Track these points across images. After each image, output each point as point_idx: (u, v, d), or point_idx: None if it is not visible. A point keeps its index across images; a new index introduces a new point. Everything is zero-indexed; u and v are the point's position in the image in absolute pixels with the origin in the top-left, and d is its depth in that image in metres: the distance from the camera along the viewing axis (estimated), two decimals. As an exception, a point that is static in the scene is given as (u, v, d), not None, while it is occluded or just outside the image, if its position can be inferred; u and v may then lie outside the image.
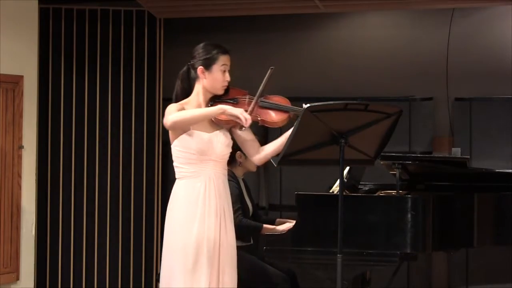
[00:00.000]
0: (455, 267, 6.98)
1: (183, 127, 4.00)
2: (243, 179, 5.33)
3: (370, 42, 7.37)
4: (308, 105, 3.90)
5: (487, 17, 7.12)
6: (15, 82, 6.47)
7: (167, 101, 7.52)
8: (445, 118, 7.19)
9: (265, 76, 4.05)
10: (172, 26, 7.31)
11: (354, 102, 4.02)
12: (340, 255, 4.01)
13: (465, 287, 6.97)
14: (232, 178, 5.07)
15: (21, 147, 6.51)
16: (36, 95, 6.70)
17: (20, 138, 6.52)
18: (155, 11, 7.07)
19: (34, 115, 6.66)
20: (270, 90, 4.19)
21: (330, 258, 4.29)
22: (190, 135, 4.02)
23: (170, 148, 4.10)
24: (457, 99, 7.11)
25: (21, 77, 6.52)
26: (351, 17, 7.51)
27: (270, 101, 4.11)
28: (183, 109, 4.04)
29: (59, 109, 7.06)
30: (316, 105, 3.91)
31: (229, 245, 4.08)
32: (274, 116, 4.08)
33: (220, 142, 4.07)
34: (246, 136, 4.14)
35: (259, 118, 4.07)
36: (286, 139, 4.04)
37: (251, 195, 5.37)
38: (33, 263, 6.71)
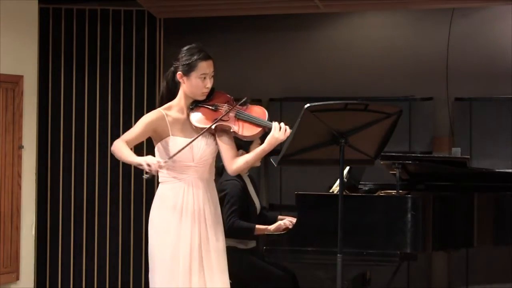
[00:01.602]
0: (455, 267, 6.98)
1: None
2: (249, 176, 5.30)
3: (370, 42, 7.37)
4: (308, 105, 3.90)
5: (487, 17, 7.12)
6: (15, 82, 6.47)
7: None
8: (445, 118, 7.19)
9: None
10: (172, 26, 7.31)
11: (354, 102, 4.02)
12: (340, 255, 4.01)
13: (465, 287, 6.97)
14: (235, 177, 5.06)
15: (21, 147, 6.51)
16: (36, 95, 6.70)
17: (20, 138, 6.52)
18: (155, 11, 7.07)
19: (34, 115, 6.66)
20: (270, 92, 4.19)
21: (330, 258, 4.30)
22: (170, 140, 4.03)
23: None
24: (457, 99, 7.11)
25: (21, 77, 6.52)
26: (351, 17, 7.51)
27: (246, 114, 4.06)
28: (160, 117, 4.03)
29: (59, 109, 7.06)
30: (316, 105, 3.91)
31: (213, 250, 4.06)
32: (246, 130, 4.04)
33: (201, 148, 4.05)
34: (225, 143, 4.08)
35: (231, 130, 4.04)
36: (256, 155, 4.03)
37: (258, 194, 5.36)
38: (33, 263, 6.71)
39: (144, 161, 3.90)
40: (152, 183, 7.12)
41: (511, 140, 6.82)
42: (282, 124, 4.00)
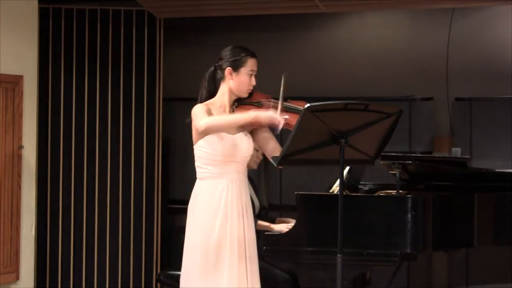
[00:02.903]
0: (455, 267, 6.98)
1: (216, 132, 4.03)
2: (249, 176, 5.31)
3: (370, 42, 7.37)
4: (308, 105, 3.90)
5: (487, 17, 7.12)
6: (15, 82, 6.47)
7: (167, 101, 7.57)
8: (445, 118, 7.19)
9: (281, 82, 4.07)
10: (172, 26, 7.31)
11: (354, 102, 4.02)
12: (340, 255, 4.01)
13: (465, 287, 6.97)
14: None
15: (21, 147, 6.51)
16: (36, 95, 6.70)
17: (20, 138, 6.52)
18: (155, 11, 7.07)
19: (34, 115, 6.66)
20: (270, 92, 4.20)
21: (330, 258, 4.29)
22: (216, 137, 4.04)
23: (170, 148, 4.11)
24: (457, 99, 7.11)
25: (21, 77, 6.52)
26: (351, 17, 7.51)
27: (293, 105, 4.13)
28: (209, 110, 4.06)
29: (59, 109, 7.06)
30: (316, 105, 3.91)
31: (253, 243, 4.12)
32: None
33: (244, 145, 4.10)
34: (267, 138, 4.15)
35: (285, 121, 4.07)
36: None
37: (258, 194, 5.36)
38: (33, 263, 6.71)
39: (272, 116, 3.92)
40: (152, 182, 7.12)
41: (511, 140, 6.82)
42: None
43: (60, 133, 7.06)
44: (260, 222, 5.07)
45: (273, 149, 4.16)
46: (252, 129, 4.16)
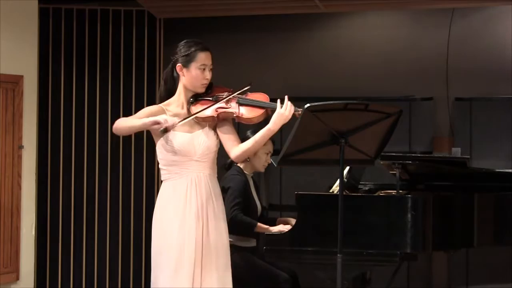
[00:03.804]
0: (455, 267, 6.98)
1: (122, 134, 4.11)
2: (252, 178, 5.32)
3: (370, 42, 7.37)
4: (308, 105, 3.90)
5: (487, 17, 7.12)
6: (15, 82, 6.47)
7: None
8: (445, 118, 7.19)
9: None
10: (172, 26, 7.31)
11: (354, 102, 4.02)
12: (340, 255, 4.01)
13: (465, 287, 6.97)
14: (238, 173, 5.15)
15: (21, 147, 6.51)
16: (36, 95, 6.70)
17: (20, 138, 6.52)
18: (155, 11, 7.07)
19: (34, 115, 6.66)
20: (270, 92, 4.19)
21: (330, 258, 4.30)
22: (171, 136, 4.01)
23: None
24: (457, 99, 7.11)
25: (21, 77, 6.52)
26: (351, 17, 7.51)
27: (247, 98, 4.08)
28: (160, 111, 4.03)
29: (59, 109, 7.06)
30: (316, 105, 3.91)
31: (213, 247, 4.05)
32: (249, 113, 4.04)
33: (202, 142, 4.05)
34: (225, 131, 4.08)
35: (234, 115, 4.05)
36: (262, 136, 4.00)
37: (260, 196, 5.37)
38: (33, 263, 6.71)
39: (153, 121, 3.91)
40: (152, 182, 7.12)
41: (511, 140, 6.82)
42: (286, 100, 3.97)
43: (60, 133, 7.06)
44: (259, 225, 5.06)
45: (228, 145, 4.08)
46: (213, 124, 4.10)
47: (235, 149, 4.06)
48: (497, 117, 6.92)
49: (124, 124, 4.04)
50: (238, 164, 5.22)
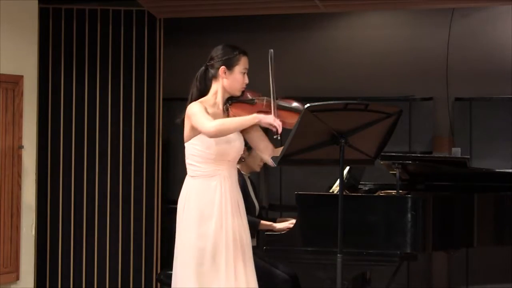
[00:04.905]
0: (455, 267, 6.98)
1: (223, 135, 4.01)
2: (249, 177, 5.33)
3: (370, 42, 7.37)
4: (308, 105, 3.90)
5: (487, 17, 7.12)
6: (15, 82, 6.47)
7: (167, 101, 7.56)
8: (445, 118, 7.19)
9: (269, 73, 4.07)
10: (172, 26, 7.31)
11: (354, 102, 4.02)
12: (340, 255, 4.01)
13: (465, 287, 6.97)
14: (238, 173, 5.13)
15: (21, 147, 6.51)
16: (36, 95, 6.70)
17: (20, 138, 6.52)
18: (155, 11, 7.07)
19: (34, 115, 6.67)
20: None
21: (330, 258, 4.29)
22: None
23: (170, 148, 4.11)
24: (457, 99, 7.11)
25: (21, 77, 6.52)
26: (351, 17, 7.52)
27: (286, 104, 4.12)
28: (205, 108, 4.04)
29: (59, 109, 7.06)
30: (316, 105, 3.91)
31: (248, 242, 4.13)
32: (291, 119, 4.06)
33: (237, 144, 4.11)
34: (261, 138, 4.17)
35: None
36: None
37: (258, 195, 5.37)
38: (33, 263, 6.72)
39: (273, 120, 3.92)
40: (152, 182, 7.12)
41: (511, 140, 6.82)
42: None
43: (60, 133, 7.06)
44: (263, 222, 5.07)
45: (265, 147, 4.18)
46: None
47: (272, 154, 4.15)
48: (497, 117, 6.93)
49: (226, 125, 3.96)
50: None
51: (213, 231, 4.02)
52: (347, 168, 5.18)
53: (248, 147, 5.08)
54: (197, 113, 4.01)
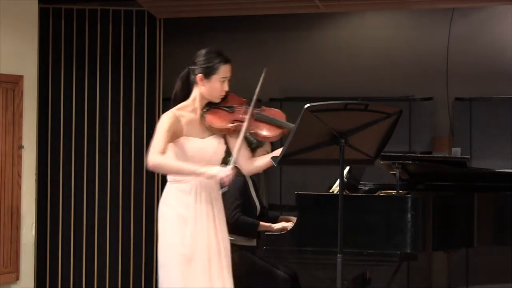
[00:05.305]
0: (455, 267, 6.98)
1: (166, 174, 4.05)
2: (251, 177, 5.32)
3: (370, 42, 7.37)
4: (308, 105, 3.90)
5: (487, 17, 7.12)
6: (15, 82, 6.47)
7: (167, 101, 7.53)
8: (445, 118, 7.19)
9: (257, 84, 4.05)
10: (172, 26, 7.31)
11: (354, 102, 4.02)
12: (340, 255, 4.01)
13: (465, 287, 6.97)
14: (239, 174, 5.10)
15: (21, 147, 6.51)
16: (36, 95, 6.70)
17: (20, 138, 6.52)
18: (155, 11, 7.07)
19: (34, 115, 6.66)
20: (270, 92, 4.19)
21: (330, 258, 4.29)
22: (184, 141, 4.03)
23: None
24: (457, 99, 7.11)
25: (21, 77, 6.52)
26: (351, 17, 7.51)
27: (266, 115, 4.10)
28: (177, 120, 4.01)
29: (59, 109, 7.06)
30: (316, 105, 3.91)
31: (225, 247, 4.11)
32: (266, 131, 4.06)
33: (213, 149, 4.08)
34: (238, 145, 4.10)
35: (251, 131, 4.06)
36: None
37: (259, 195, 5.37)
38: (33, 263, 6.71)
39: (217, 173, 3.91)
40: (152, 182, 7.12)
41: (511, 140, 6.82)
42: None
43: (60, 133, 7.06)
44: (262, 223, 5.08)
45: (241, 159, 4.14)
46: (223, 134, 4.12)
47: (249, 164, 4.20)
48: (497, 117, 6.92)
49: (168, 167, 4.00)
50: (237, 165, 5.21)
51: (189, 236, 4.00)
52: (347, 168, 5.18)
53: (252, 149, 5.10)
54: (159, 131, 3.98)
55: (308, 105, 3.90)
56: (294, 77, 7.42)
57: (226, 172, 3.89)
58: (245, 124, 4.00)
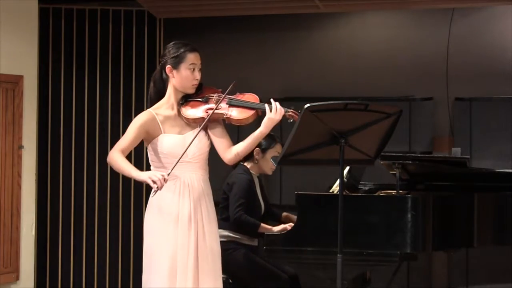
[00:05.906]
0: (455, 267, 6.98)
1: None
2: (258, 177, 5.33)
3: (370, 42, 7.37)
4: (308, 105, 3.90)
5: (487, 17, 7.12)
6: (15, 82, 6.47)
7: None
8: (445, 118, 7.19)
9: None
10: (172, 26, 7.31)
11: (354, 102, 4.02)
12: (340, 255, 4.01)
13: (465, 287, 6.97)
14: (244, 172, 5.17)
15: (21, 147, 6.51)
16: (36, 95, 6.70)
17: (20, 138, 6.52)
18: (155, 11, 7.07)
19: (34, 115, 6.66)
20: (270, 92, 4.19)
21: (330, 258, 4.29)
22: (161, 138, 4.03)
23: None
24: (457, 99, 7.11)
25: (21, 77, 6.52)
26: (351, 17, 7.51)
27: (237, 99, 4.08)
28: (150, 118, 4.02)
29: (59, 109, 7.07)
30: (316, 105, 3.91)
31: (209, 250, 4.05)
32: (239, 114, 4.04)
33: (194, 143, 4.02)
34: (217, 134, 4.09)
35: (225, 116, 4.05)
36: (254, 139, 4.01)
37: (265, 195, 5.37)
38: (33, 263, 6.71)
39: (148, 177, 3.92)
40: (152, 183, 7.12)
41: (511, 140, 6.82)
42: (273, 103, 3.98)
43: (60, 133, 7.06)
44: (262, 225, 5.07)
45: (220, 148, 4.09)
46: (205, 126, 4.09)
47: (228, 152, 4.08)
48: (497, 117, 6.92)
49: (116, 164, 4.09)
50: (245, 164, 5.22)
51: (171, 237, 3.99)
52: (347, 168, 5.18)
53: (262, 149, 5.11)
54: (129, 127, 4.05)
55: (308, 105, 3.90)
56: (294, 77, 7.42)
57: (156, 176, 3.87)
58: (211, 112, 4.00)
